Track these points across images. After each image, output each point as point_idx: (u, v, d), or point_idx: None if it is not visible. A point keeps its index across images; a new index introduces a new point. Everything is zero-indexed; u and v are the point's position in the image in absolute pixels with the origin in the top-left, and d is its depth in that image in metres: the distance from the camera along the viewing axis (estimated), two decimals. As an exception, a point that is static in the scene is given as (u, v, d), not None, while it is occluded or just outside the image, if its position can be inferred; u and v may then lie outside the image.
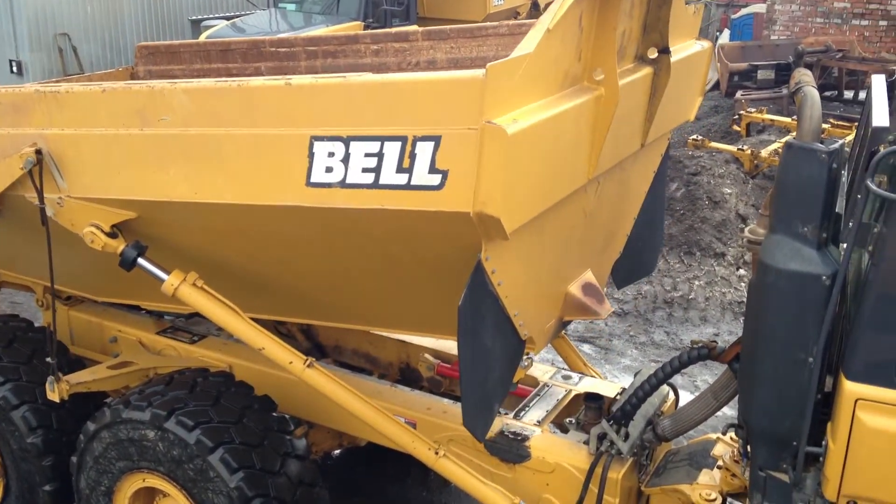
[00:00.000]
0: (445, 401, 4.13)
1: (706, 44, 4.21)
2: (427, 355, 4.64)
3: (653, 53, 3.63)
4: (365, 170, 2.87)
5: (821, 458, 2.98)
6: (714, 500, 3.55)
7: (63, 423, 4.28)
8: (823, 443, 2.97)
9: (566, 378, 4.40)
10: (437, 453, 3.63)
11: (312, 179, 2.96)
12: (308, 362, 3.62)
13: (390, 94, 2.83)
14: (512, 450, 3.80)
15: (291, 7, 14.74)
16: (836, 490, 2.94)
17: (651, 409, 3.83)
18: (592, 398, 4.03)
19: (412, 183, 2.81)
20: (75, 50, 14.07)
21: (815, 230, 2.89)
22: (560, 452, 3.77)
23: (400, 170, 2.82)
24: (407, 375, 4.75)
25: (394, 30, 5.10)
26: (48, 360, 4.02)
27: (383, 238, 3.14)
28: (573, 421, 4.02)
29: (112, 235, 3.56)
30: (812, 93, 3.02)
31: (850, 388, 2.82)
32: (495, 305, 3.10)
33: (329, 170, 2.92)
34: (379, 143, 2.82)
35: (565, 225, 3.48)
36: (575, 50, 3.06)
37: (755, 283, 3.08)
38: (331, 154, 2.91)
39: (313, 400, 3.94)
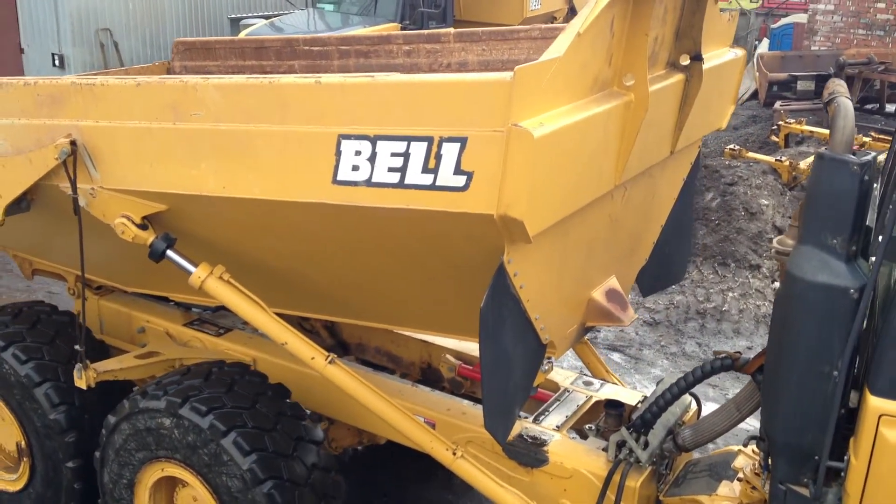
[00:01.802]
0: (465, 402, 4.13)
1: (740, 52, 4.18)
2: (448, 356, 4.64)
3: (685, 60, 3.60)
4: (391, 169, 2.89)
5: (842, 474, 2.94)
6: None
7: (85, 401, 4.34)
8: (846, 458, 2.92)
9: (587, 384, 4.38)
10: (454, 454, 3.63)
11: (339, 177, 2.98)
12: (330, 359, 3.64)
13: (418, 95, 2.84)
14: (530, 454, 3.79)
15: (329, 7, 14.86)
16: None
17: (672, 419, 3.80)
18: (613, 405, 4.01)
19: (437, 183, 2.82)
20: (116, 45, 14.30)
21: (844, 242, 2.85)
22: (578, 458, 3.76)
23: (425, 170, 2.82)
24: (428, 375, 4.75)
25: (426, 31, 5.11)
26: (77, 347, 4.09)
27: (407, 237, 3.15)
28: (593, 427, 4.00)
29: (142, 227, 3.60)
30: (845, 103, 2.99)
31: (874, 404, 2.78)
32: (517, 309, 3.10)
33: (355, 168, 2.94)
34: (405, 143, 2.84)
35: (590, 230, 3.47)
36: (605, 55, 3.06)
37: (782, 294, 3.04)
38: (357, 153, 2.92)
39: (334, 396, 3.97)
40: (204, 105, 3.21)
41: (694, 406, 4.04)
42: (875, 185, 3.05)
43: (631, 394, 4.30)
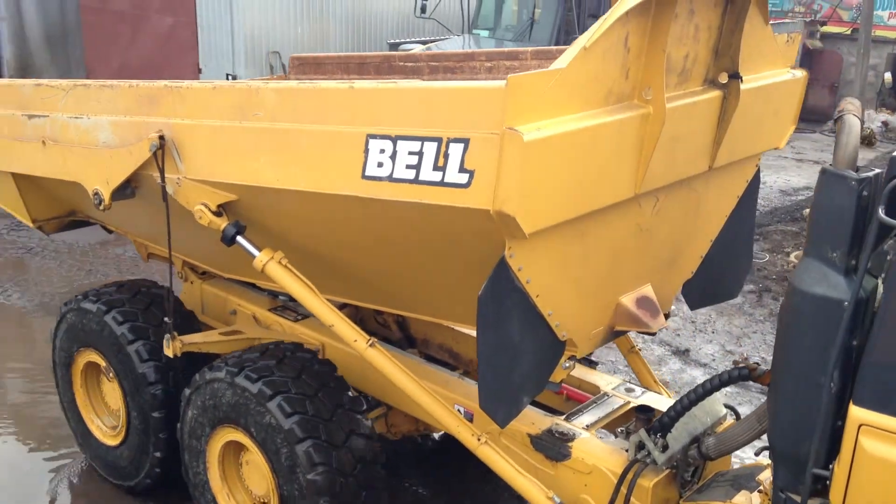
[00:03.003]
0: None
1: (800, 73, 4.21)
2: None
3: (723, 78, 3.72)
4: (408, 166, 3.18)
5: (827, 482, 2.98)
6: None
7: (171, 360, 4.83)
8: (830, 466, 2.96)
9: (628, 391, 4.49)
10: (479, 440, 3.84)
11: (367, 173, 3.31)
12: (370, 342, 3.95)
13: (430, 99, 3.13)
14: (554, 448, 3.97)
15: (485, 33, 15.28)
16: None
17: (700, 427, 3.87)
18: (643, 409, 4.11)
19: (445, 180, 3.09)
20: (284, 67, 15.31)
21: (843, 256, 2.91)
22: (599, 455, 3.90)
23: (436, 168, 3.10)
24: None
25: (507, 49, 5.40)
26: (165, 319, 4.63)
27: (422, 230, 3.43)
28: (623, 430, 4.12)
29: (217, 214, 4.06)
30: (851, 121, 3.05)
31: (855, 414, 2.82)
32: (524, 302, 3.31)
33: (380, 165, 3.26)
34: (420, 143, 3.13)
35: (614, 236, 3.62)
36: (620, 69, 3.23)
37: (783, 305, 3.11)
38: (382, 151, 3.24)
39: (386, 382, 4.28)
40: (263, 106, 3.64)
41: (729, 418, 4.08)
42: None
43: (666, 402, 4.38)
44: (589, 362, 5.16)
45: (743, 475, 3.86)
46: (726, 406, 4.12)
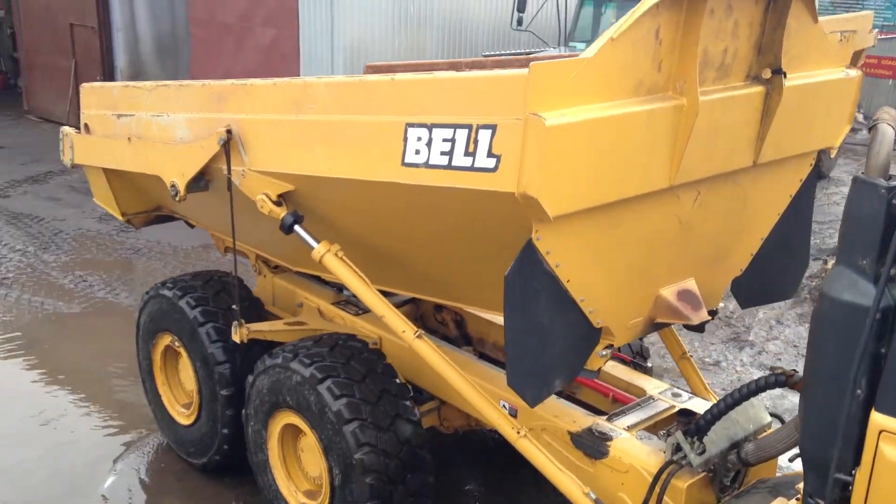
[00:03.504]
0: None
1: (854, 72, 4.15)
2: None
3: (767, 74, 3.73)
4: (442, 153, 3.33)
5: (850, 488, 2.96)
6: None
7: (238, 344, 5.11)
8: (853, 472, 2.94)
9: (675, 395, 4.49)
10: (518, 433, 3.93)
11: (406, 160, 3.48)
12: (418, 333, 4.10)
13: (462, 88, 3.28)
14: (593, 446, 4.02)
15: (581, 46, 15.33)
16: None
17: (741, 433, 3.87)
18: (684, 413, 4.13)
19: (475, 165, 3.22)
20: (378, 79, 15.74)
21: (872, 264, 2.89)
22: (636, 455, 3.92)
23: (466, 153, 3.24)
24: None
25: (568, 53, 5.50)
26: (233, 306, 4.92)
27: (456, 214, 3.57)
28: (665, 433, 4.13)
29: (277, 204, 4.31)
30: (885, 130, 3.07)
31: (876, 420, 2.81)
32: (554, 285, 3.40)
33: (417, 152, 3.43)
34: (452, 130, 3.28)
35: (651, 227, 3.67)
36: (652, 61, 3.30)
37: (814, 312, 3.12)
38: (419, 139, 3.41)
39: (436, 375, 4.41)
40: (316, 100, 3.87)
41: (774, 426, 4.05)
42: None
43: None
44: (644, 368, 5.19)
45: (783, 483, 3.83)
46: (772, 415, 4.09)
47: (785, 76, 3.71)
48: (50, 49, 16.35)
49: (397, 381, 4.63)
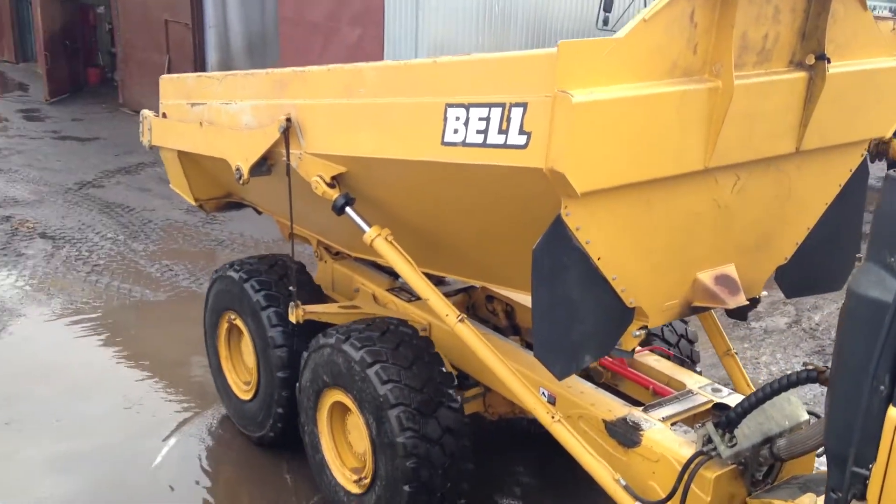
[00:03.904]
0: (587, 384, 4.49)
1: (907, 62, 4.12)
2: None
3: (810, 60, 3.73)
4: (478, 132, 3.45)
5: (867, 482, 2.95)
6: None
7: (296, 327, 5.35)
8: (870, 466, 2.94)
9: (715, 390, 4.48)
10: (553, 417, 3.99)
11: (445, 139, 3.61)
12: (460, 317, 4.21)
13: (496, 68, 3.40)
14: (626, 435, 4.07)
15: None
16: None
17: (775, 429, 3.86)
18: (719, 407, 4.14)
19: (507, 143, 3.33)
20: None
21: None
22: (668, 445, 3.95)
23: (500, 131, 3.35)
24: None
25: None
26: (291, 288, 5.14)
27: (491, 192, 3.67)
28: (700, 425, 4.13)
29: (331, 186, 4.49)
30: None
31: (892, 415, 2.81)
32: (584, 262, 3.47)
33: (456, 131, 3.55)
34: (487, 109, 3.39)
35: (687, 209, 3.71)
36: (686, 43, 3.35)
37: (841, 308, 3.12)
38: (457, 118, 3.54)
39: (478, 360, 4.51)
40: (365, 84, 4.05)
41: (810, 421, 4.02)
42: None
43: None
44: (688, 362, 5.18)
45: (815, 479, 3.79)
46: (810, 413, 4.06)
47: (829, 62, 3.71)
48: (145, 44, 17.00)
49: (443, 369, 4.76)
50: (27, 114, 17.24)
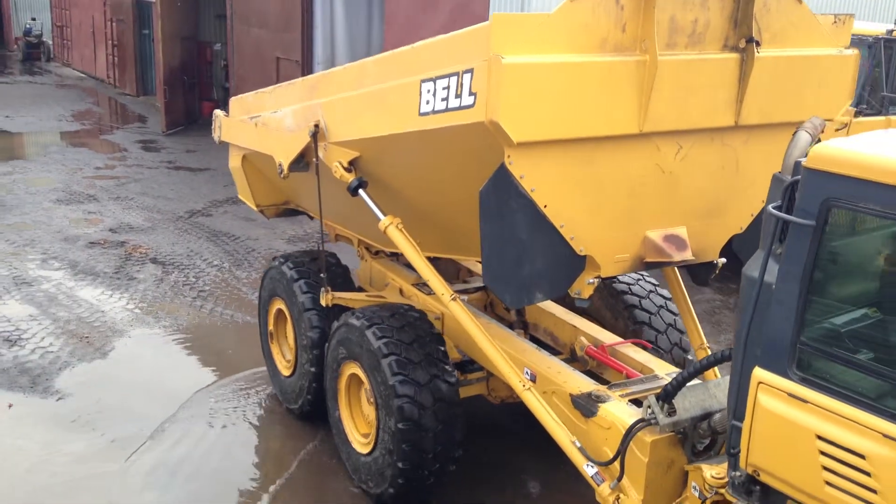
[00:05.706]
0: (565, 367, 4.97)
1: (850, 52, 4.56)
2: (582, 338, 5.52)
3: (742, 43, 4.27)
4: (442, 99, 4.12)
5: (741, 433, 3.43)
6: (722, 479, 3.82)
7: (328, 312, 6.07)
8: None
9: None
10: (523, 386, 4.56)
11: (421, 110, 4.29)
12: (453, 296, 4.83)
13: (454, 44, 4.07)
14: (587, 406, 4.52)
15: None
16: (744, 460, 3.43)
17: (716, 405, 4.21)
18: None
19: (462, 104, 3.98)
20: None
21: (778, 245, 3.35)
22: (618, 416, 4.36)
23: (456, 96, 4.01)
24: (574, 355, 5.62)
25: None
26: (322, 274, 5.92)
27: (458, 154, 4.29)
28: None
29: (348, 170, 5.25)
30: (801, 136, 3.53)
31: (756, 373, 3.32)
32: (530, 207, 4.01)
33: (427, 102, 4.24)
34: (447, 80, 4.07)
35: (629, 171, 4.22)
36: (615, 23, 3.95)
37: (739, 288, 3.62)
38: (428, 91, 4.23)
39: (478, 348, 4.97)
40: (369, 74, 4.83)
41: None
42: None
43: None
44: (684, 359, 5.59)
45: None
46: None
47: (758, 46, 4.24)
48: (257, 79, 17.15)
49: (441, 348, 5.34)
50: (145, 144, 18.14)
